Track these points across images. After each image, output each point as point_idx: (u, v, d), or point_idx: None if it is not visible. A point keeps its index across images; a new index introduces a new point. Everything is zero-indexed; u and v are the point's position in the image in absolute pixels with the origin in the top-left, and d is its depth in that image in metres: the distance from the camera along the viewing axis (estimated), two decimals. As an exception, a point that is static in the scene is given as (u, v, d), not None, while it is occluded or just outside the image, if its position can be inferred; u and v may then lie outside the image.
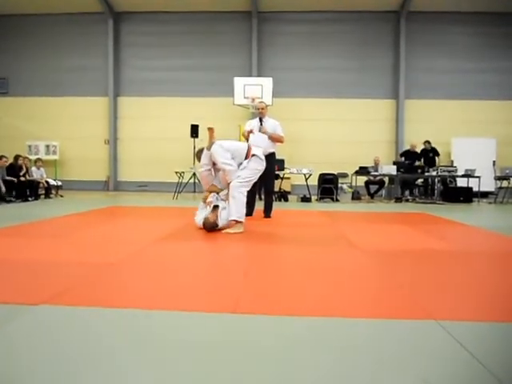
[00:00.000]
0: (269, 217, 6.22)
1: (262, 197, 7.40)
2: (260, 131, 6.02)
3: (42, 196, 10.19)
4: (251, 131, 5.96)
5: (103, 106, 14.75)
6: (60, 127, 14.66)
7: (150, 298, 2.29)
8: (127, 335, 1.76)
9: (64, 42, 14.75)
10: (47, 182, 10.43)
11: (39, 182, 10.06)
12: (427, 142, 12.14)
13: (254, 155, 4.88)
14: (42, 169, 10.74)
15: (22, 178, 9.42)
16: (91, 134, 14.76)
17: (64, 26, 14.71)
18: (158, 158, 14.21)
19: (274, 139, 6.22)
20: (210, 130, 5.04)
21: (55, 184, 10.97)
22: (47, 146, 14.24)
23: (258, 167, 4.95)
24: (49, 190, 10.43)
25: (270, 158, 6.26)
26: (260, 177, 6.30)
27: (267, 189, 6.51)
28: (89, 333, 1.78)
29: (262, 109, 6.22)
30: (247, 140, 6.02)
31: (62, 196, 10.83)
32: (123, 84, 14.86)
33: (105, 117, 14.79)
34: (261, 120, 6.17)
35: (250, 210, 6.28)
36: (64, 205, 8.68)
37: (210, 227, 4.58)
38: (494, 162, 11.92)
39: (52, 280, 2.59)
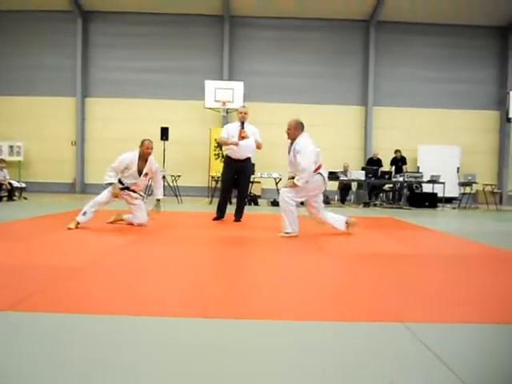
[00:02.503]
0: (239, 220, 6.23)
1: (233, 200, 7.37)
2: (240, 134, 6.06)
3: (5, 198, 9.85)
4: (243, 137, 6.03)
5: (71, 106, 14.40)
6: (25, 127, 14.21)
7: (118, 303, 2.25)
8: (93, 342, 1.72)
9: (31, 41, 14.32)
10: (10, 183, 10.08)
11: (2, 184, 9.73)
12: (398, 151, 12.50)
13: (319, 173, 5.08)
14: (4, 170, 10.38)
15: (-16, 180, 9.09)
16: (57, 135, 14.38)
17: (31, 23, 14.28)
18: (127, 160, 13.94)
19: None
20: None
21: (19, 186, 10.63)
22: (11, 147, 13.78)
23: (316, 189, 5.11)
24: (12, 192, 10.09)
25: (246, 162, 6.31)
26: (235, 181, 6.36)
27: (241, 193, 6.52)
28: (53, 340, 1.73)
29: (245, 113, 6.26)
30: (220, 147, 6.08)
31: (25, 198, 10.49)
32: (92, 84, 14.56)
33: (72, 117, 14.45)
34: (242, 124, 6.20)
35: (221, 214, 6.30)
36: (28, 207, 8.41)
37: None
38: (458, 168, 12.33)
39: (14, 285, 2.49)
